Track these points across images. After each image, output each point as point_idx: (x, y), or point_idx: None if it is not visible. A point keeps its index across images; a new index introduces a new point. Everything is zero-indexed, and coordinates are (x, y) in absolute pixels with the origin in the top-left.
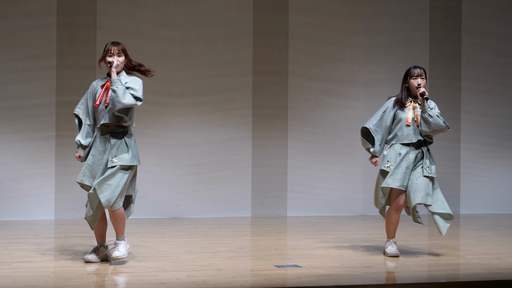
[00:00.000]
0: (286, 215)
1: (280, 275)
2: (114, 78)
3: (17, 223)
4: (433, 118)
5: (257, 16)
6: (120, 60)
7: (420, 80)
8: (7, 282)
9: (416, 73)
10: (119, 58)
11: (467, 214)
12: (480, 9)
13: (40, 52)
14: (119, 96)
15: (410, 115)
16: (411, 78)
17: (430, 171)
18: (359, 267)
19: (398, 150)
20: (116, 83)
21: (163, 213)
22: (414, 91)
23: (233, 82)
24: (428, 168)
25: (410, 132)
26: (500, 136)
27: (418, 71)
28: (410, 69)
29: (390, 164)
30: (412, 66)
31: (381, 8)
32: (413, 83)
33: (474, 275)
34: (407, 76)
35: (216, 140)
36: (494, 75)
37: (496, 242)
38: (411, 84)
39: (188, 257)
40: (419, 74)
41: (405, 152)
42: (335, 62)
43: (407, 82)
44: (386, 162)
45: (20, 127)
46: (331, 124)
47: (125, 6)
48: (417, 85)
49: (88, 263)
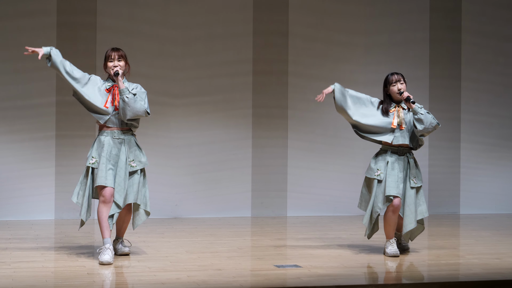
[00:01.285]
0: (286, 215)
1: (280, 275)
2: (123, 88)
3: (17, 223)
4: (425, 116)
5: (257, 16)
6: (121, 65)
7: (399, 85)
8: (7, 282)
9: (395, 79)
10: (120, 63)
11: (467, 214)
12: (480, 9)
13: None
14: (130, 106)
15: (395, 120)
16: (390, 85)
17: (416, 182)
18: (359, 267)
19: (386, 159)
20: (126, 93)
21: (163, 213)
22: (396, 97)
23: (233, 82)
24: (415, 179)
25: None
26: (500, 136)
27: (396, 77)
28: (388, 76)
29: (380, 173)
30: (389, 74)
31: (381, 8)
32: (394, 90)
33: (474, 275)
34: (386, 84)
35: (216, 140)
36: (494, 75)
37: (496, 242)
38: (391, 91)
39: (188, 257)
40: (398, 79)
41: (392, 161)
42: (335, 62)
43: (387, 90)
44: (376, 170)
45: (20, 127)
46: (331, 124)
47: (125, 6)
48: (397, 90)
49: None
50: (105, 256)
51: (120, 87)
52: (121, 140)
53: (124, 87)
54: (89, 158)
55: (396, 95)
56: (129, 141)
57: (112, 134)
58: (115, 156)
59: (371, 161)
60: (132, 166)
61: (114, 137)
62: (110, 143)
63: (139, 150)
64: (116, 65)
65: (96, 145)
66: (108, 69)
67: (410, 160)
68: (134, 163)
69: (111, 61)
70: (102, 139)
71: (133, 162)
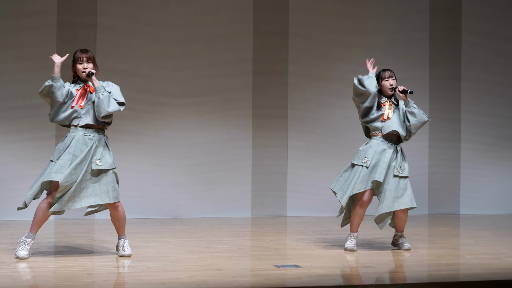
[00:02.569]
0: (286, 215)
1: (280, 275)
2: (99, 86)
3: (17, 223)
4: (417, 110)
5: (257, 16)
6: (90, 67)
7: (391, 81)
8: (7, 282)
9: (387, 75)
10: (88, 65)
11: (467, 214)
12: (480, 9)
13: (40, 52)
14: (105, 104)
15: (386, 112)
16: (382, 80)
17: (401, 171)
18: (359, 267)
19: (376, 148)
20: (101, 90)
21: (163, 213)
22: (387, 93)
23: (233, 82)
24: (400, 168)
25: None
26: (500, 136)
27: (389, 73)
28: (380, 72)
29: (367, 160)
30: (382, 69)
31: (381, 8)
32: (386, 85)
33: (474, 275)
34: (378, 79)
35: (216, 140)
36: (494, 75)
37: (496, 242)
38: (384, 86)
39: (188, 257)
40: (390, 75)
41: (382, 149)
42: (335, 62)
43: (378, 84)
44: (364, 157)
45: (20, 127)
46: (331, 124)
47: (125, 6)
48: (390, 85)
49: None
50: (21, 252)
51: (95, 85)
52: (92, 137)
53: (98, 85)
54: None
55: (388, 90)
56: (99, 139)
57: (83, 130)
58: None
59: (360, 149)
60: (98, 165)
61: (84, 133)
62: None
63: (108, 150)
64: (86, 67)
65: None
66: (78, 71)
67: (398, 149)
68: (100, 162)
69: (80, 63)
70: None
71: (98, 161)
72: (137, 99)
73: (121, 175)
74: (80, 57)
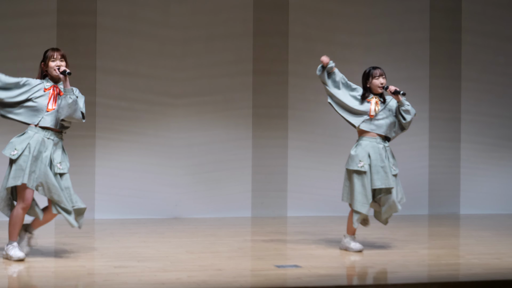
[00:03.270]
0: (286, 215)
1: (280, 275)
2: (69, 88)
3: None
4: (410, 107)
5: (257, 16)
6: (63, 65)
7: (382, 79)
8: (7, 282)
9: (378, 73)
10: (61, 63)
11: (467, 214)
12: (480, 9)
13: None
14: (71, 108)
15: (372, 107)
16: (373, 78)
17: (395, 169)
18: (359, 267)
19: (367, 149)
20: (71, 93)
21: (163, 213)
22: (376, 91)
23: (233, 82)
24: (394, 166)
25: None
26: (500, 136)
27: (379, 71)
28: (371, 70)
29: (363, 164)
30: (371, 67)
31: (381, 8)
32: (376, 83)
33: (474, 275)
34: (368, 76)
35: (216, 140)
36: (494, 75)
37: (496, 242)
38: (374, 84)
39: (188, 257)
40: (381, 74)
41: (373, 151)
42: (335, 62)
43: (368, 82)
44: (358, 162)
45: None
46: (331, 124)
47: (125, 6)
48: (380, 84)
49: (86, 263)
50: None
51: (67, 86)
52: (51, 140)
53: (69, 87)
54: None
55: (378, 88)
56: (58, 143)
57: (44, 132)
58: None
59: (352, 154)
60: (60, 169)
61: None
62: (42, 140)
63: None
64: (59, 64)
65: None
66: (50, 69)
67: (387, 148)
68: (61, 165)
69: (53, 60)
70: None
71: (59, 164)
72: (137, 99)
73: (121, 175)
74: (53, 55)
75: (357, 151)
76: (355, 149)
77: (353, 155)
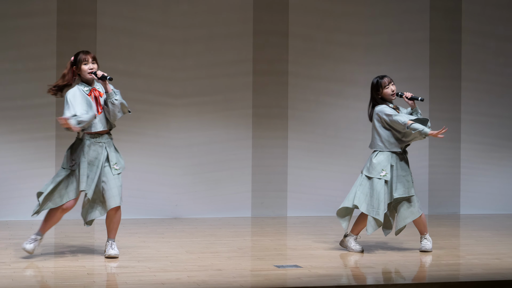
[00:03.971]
0: (286, 215)
1: (280, 275)
2: (111, 92)
3: (17, 223)
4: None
5: (257, 16)
6: (95, 68)
7: (392, 87)
8: (7, 282)
9: (387, 82)
10: (94, 66)
11: (467, 214)
12: (480, 9)
13: (40, 52)
14: (119, 110)
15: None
16: (383, 88)
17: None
18: (359, 267)
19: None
20: (114, 96)
21: (163, 213)
22: (389, 99)
23: (233, 82)
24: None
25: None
26: (500, 136)
27: (387, 79)
28: (378, 80)
29: (386, 173)
30: (378, 77)
31: (381, 8)
32: (388, 92)
33: (474, 275)
34: (378, 88)
35: (216, 140)
36: (494, 75)
37: (496, 242)
38: (386, 93)
39: (188, 257)
40: (389, 81)
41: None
42: (335, 62)
43: (379, 93)
44: (381, 171)
45: (20, 127)
46: (331, 124)
47: (125, 6)
48: (391, 92)
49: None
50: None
51: (109, 90)
52: (102, 144)
53: (111, 90)
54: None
55: (390, 96)
56: (110, 143)
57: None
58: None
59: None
60: (117, 170)
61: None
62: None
63: (119, 153)
64: (92, 67)
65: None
66: (84, 72)
67: (406, 156)
68: (117, 166)
69: (86, 63)
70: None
71: (115, 165)
72: (137, 99)
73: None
74: (85, 58)
75: (380, 161)
76: (377, 158)
77: (375, 163)
